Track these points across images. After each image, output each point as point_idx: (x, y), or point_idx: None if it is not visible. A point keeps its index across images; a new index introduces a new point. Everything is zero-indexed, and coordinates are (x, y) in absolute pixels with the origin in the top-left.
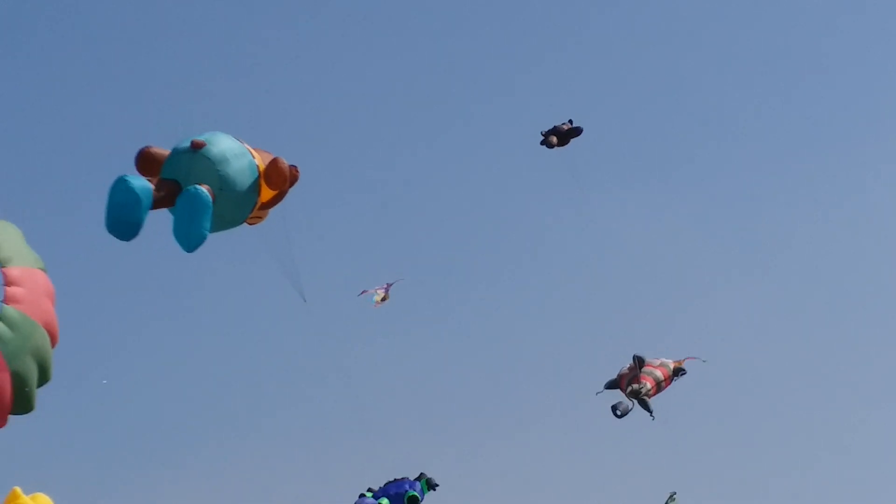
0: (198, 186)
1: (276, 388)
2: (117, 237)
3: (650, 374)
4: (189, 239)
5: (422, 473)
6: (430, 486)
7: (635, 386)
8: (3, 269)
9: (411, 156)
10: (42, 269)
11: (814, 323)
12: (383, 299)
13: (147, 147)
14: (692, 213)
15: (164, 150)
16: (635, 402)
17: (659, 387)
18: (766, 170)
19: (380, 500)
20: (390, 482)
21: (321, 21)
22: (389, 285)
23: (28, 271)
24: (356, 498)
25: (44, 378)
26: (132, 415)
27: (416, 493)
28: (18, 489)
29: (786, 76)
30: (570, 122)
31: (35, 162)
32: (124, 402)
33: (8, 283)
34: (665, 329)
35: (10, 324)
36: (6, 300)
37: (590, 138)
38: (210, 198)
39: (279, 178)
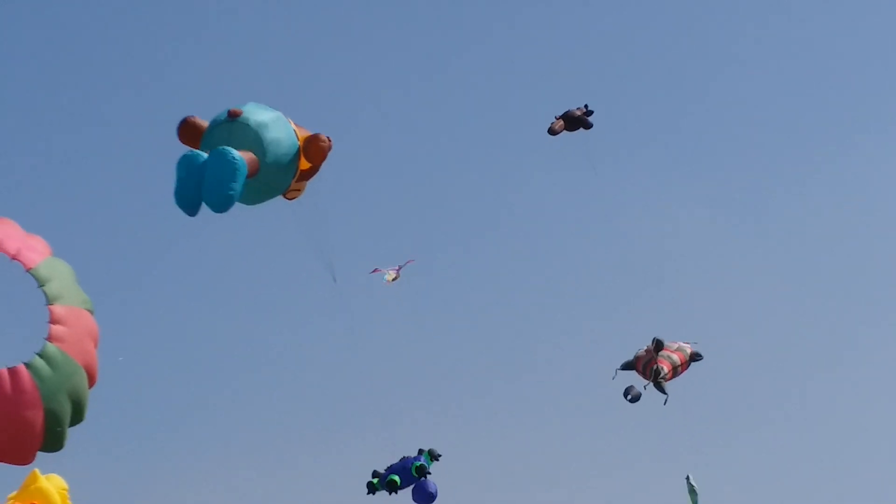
0: (227, 147)
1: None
2: (185, 211)
3: (667, 357)
4: (221, 200)
5: (421, 448)
6: (434, 456)
7: (654, 367)
8: (50, 306)
9: (425, 141)
10: (90, 311)
11: (829, 314)
12: (394, 279)
13: (189, 117)
14: (709, 203)
15: (204, 121)
16: (650, 384)
17: (675, 371)
18: (784, 161)
19: (391, 476)
20: (393, 464)
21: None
22: (402, 266)
23: (74, 311)
24: (363, 480)
25: (77, 418)
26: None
27: (422, 463)
28: (38, 471)
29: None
30: (586, 106)
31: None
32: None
33: (53, 321)
34: (679, 319)
35: (50, 362)
36: (50, 338)
37: (603, 127)
38: (240, 157)
39: (319, 153)
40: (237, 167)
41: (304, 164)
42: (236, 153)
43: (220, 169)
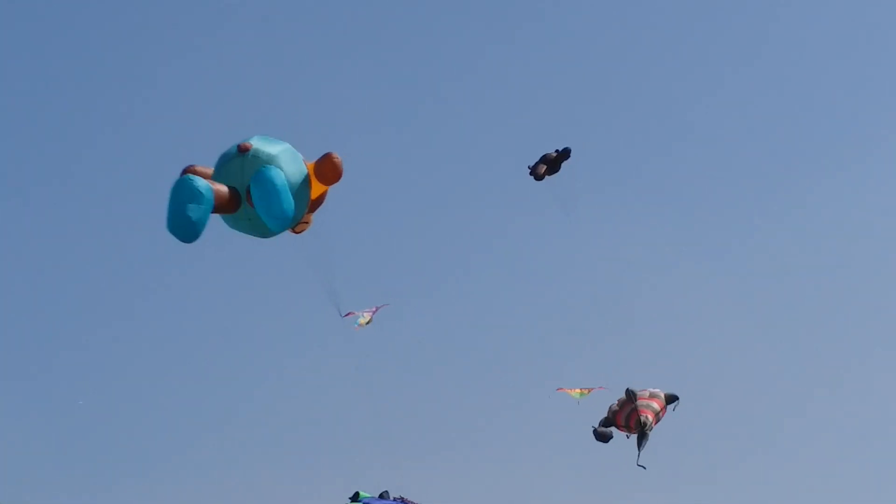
0: (268, 166)
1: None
2: (179, 238)
3: (648, 406)
4: (280, 216)
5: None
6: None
7: (641, 417)
8: None
9: (402, 168)
10: None
11: (810, 336)
12: (368, 322)
13: (190, 166)
14: (680, 224)
15: (206, 167)
16: (626, 434)
17: (658, 418)
18: (756, 179)
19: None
20: (392, 499)
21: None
22: (377, 308)
23: None
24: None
25: None
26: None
27: None
28: None
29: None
30: (557, 150)
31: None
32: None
33: None
34: (653, 346)
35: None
36: None
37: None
38: (282, 174)
39: (333, 171)
40: (283, 183)
41: (314, 194)
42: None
43: (271, 187)
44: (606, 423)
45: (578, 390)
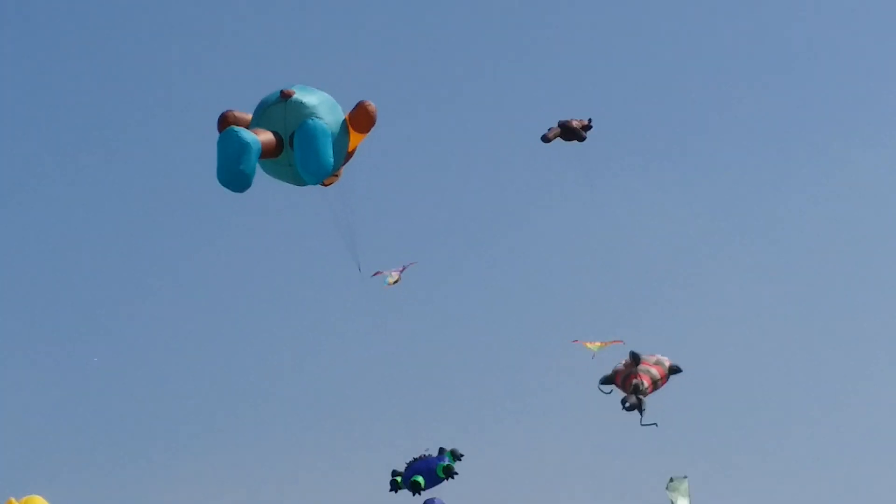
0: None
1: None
2: (231, 189)
3: (647, 371)
4: (318, 171)
5: (441, 448)
6: (456, 456)
7: (635, 381)
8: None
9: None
10: None
11: (823, 319)
12: (396, 281)
13: (228, 111)
14: (703, 203)
15: (244, 113)
16: (628, 402)
17: (655, 385)
18: (779, 160)
19: (415, 478)
20: (412, 461)
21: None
22: (404, 268)
23: None
24: (384, 477)
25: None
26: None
27: (448, 464)
28: (13, 500)
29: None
30: (589, 120)
31: None
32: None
33: None
34: (669, 321)
35: None
36: None
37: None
38: (326, 129)
39: (368, 119)
40: (328, 134)
41: (355, 141)
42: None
43: (314, 139)
44: (606, 380)
45: (597, 343)
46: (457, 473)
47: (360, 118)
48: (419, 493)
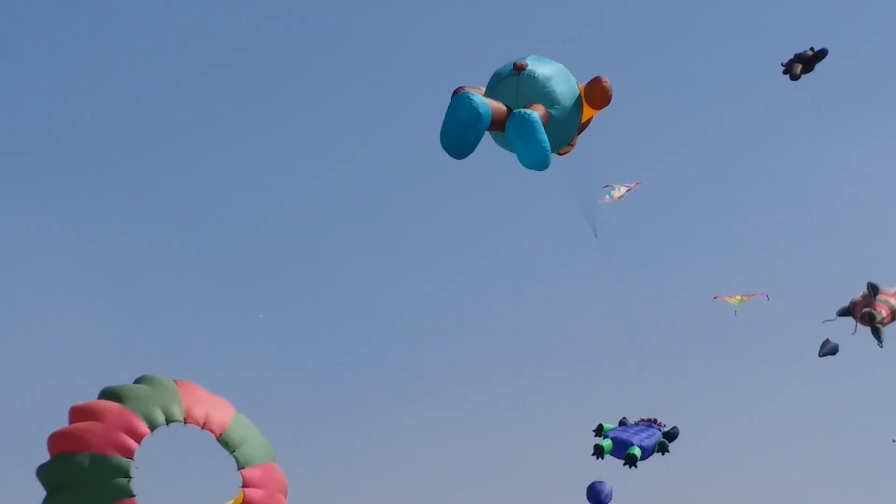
0: (524, 110)
1: None
2: (452, 154)
3: (885, 302)
4: (535, 159)
5: (649, 419)
6: (663, 449)
7: (871, 311)
8: (243, 470)
9: None
10: (273, 460)
11: None
12: (620, 196)
13: (461, 87)
14: None
15: (477, 87)
16: (860, 328)
17: (894, 315)
18: None
19: (631, 450)
20: (627, 427)
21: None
22: (631, 187)
23: (265, 468)
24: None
25: None
26: None
27: (635, 453)
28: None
29: None
30: (812, 48)
31: None
32: None
33: (246, 484)
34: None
35: None
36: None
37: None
38: (537, 117)
39: (604, 96)
40: (537, 125)
41: (587, 114)
42: (532, 114)
43: (524, 132)
44: (844, 312)
45: (738, 297)
46: (668, 451)
47: (596, 94)
48: (634, 466)
